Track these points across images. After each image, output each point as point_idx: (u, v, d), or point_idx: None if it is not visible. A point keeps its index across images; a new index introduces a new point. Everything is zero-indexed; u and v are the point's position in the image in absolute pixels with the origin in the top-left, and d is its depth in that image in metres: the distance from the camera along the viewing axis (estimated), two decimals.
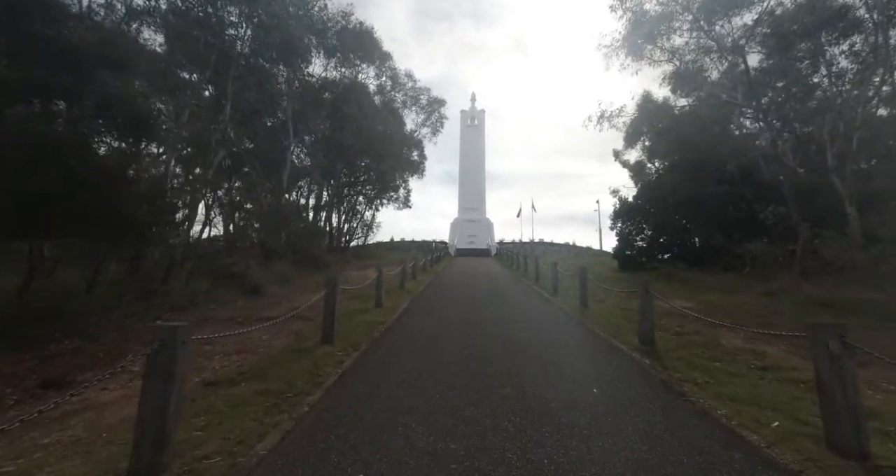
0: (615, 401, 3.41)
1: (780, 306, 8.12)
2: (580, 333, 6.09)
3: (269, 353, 4.95)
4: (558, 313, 7.86)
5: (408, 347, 5.16)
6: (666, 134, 21.13)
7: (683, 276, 12.88)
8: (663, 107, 18.41)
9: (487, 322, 6.74)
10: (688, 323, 6.89)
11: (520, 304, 9.10)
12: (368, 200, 27.76)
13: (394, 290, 10.76)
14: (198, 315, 7.00)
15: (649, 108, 24.42)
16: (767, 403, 3.41)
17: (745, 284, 10.88)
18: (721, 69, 13.36)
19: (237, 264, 9.31)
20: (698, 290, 10.90)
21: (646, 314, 5.48)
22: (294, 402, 3.37)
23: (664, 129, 22.55)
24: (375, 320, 6.95)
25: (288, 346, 5.28)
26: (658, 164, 27.13)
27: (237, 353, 4.92)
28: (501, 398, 3.45)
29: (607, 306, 8.68)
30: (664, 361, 4.64)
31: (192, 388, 3.67)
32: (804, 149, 10.67)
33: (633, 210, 17.76)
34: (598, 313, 7.72)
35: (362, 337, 5.72)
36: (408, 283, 12.06)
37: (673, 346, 5.41)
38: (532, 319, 7.13)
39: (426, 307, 8.43)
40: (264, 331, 6.14)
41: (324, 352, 4.92)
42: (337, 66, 19.62)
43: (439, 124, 26.93)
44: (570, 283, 12.01)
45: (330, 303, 5.35)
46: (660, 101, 23.12)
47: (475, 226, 42.25)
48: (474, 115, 50.68)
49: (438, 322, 6.80)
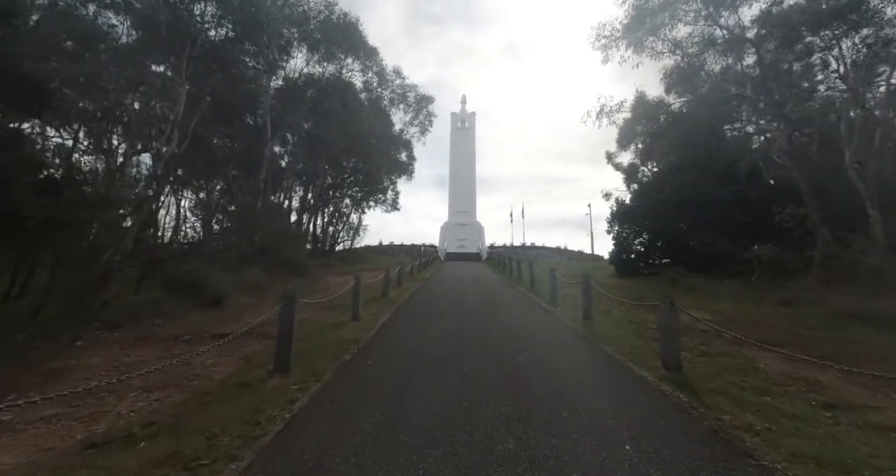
0: (661, 469, 2.45)
1: (805, 318, 7.30)
2: (591, 355, 5.13)
3: (202, 388, 3.88)
4: (560, 328, 6.90)
5: (382, 377, 4.14)
6: (662, 134, 20.56)
7: (689, 282, 12.07)
8: (659, 106, 17.78)
9: (480, 340, 5.76)
10: (710, 339, 6.00)
11: (516, 315, 8.13)
12: (355, 202, 26.67)
13: (375, 300, 9.71)
14: (137, 333, 5.88)
15: (644, 109, 23.99)
16: (870, 469, 2.48)
17: (756, 293, 10.09)
18: (727, 63, 12.68)
19: (196, 271, 8.18)
20: (707, 298, 10.06)
21: (671, 333, 4.55)
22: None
23: (661, 129, 22.01)
24: (349, 337, 5.92)
25: (231, 376, 4.22)
26: (651, 167, 26.67)
27: (161, 388, 3.85)
28: (501, 463, 2.47)
29: (613, 319, 7.77)
30: (702, 396, 3.71)
31: (62, 452, 2.60)
32: (821, 146, 10.00)
33: (630, 213, 17.00)
34: (606, 327, 6.79)
35: (328, 361, 4.69)
36: (392, 291, 11.02)
37: (704, 371, 4.48)
38: (532, 336, 6.16)
39: (410, 320, 7.41)
40: (210, 353, 5.06)
41: (274, 385, 3.87)
42: (320, 61, 18.58)
43: (428, 123, 25.99)
44: (568, 290, 11.11)
45: (286, 322, 4.31)
46: (655, 102, 22.66)
47: (466, 229, 41.32)
48: (464, 117, 49.99)
49: (423, 340, 5.79)
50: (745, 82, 11.35)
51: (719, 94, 12.03)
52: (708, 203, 14.08)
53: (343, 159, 23.36)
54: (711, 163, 14.30)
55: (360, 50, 18.80)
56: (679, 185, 14.96)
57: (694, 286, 11.75)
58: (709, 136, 13.53)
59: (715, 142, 13.38)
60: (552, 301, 9.87)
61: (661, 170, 17.73)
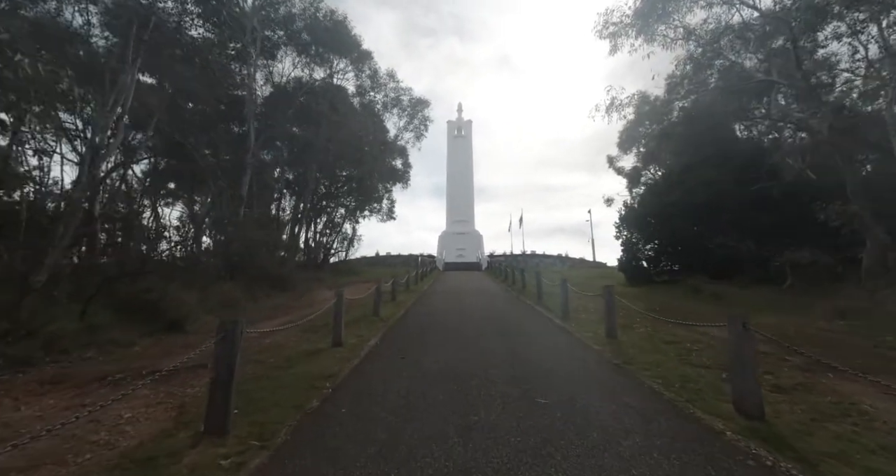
0: None
1: (873, 333, 6.15)
2: (635, 393, 3.94)
3: (95, 464, 2.69)
4: (585, 352, 5.72)
5: (357, 437, 2.96)
6: (668, 135, 19.64)
7: (712, 290, 10.93)
8: (667, 104, 16.82)
9: (488, 373, 4.58)
10: (774, 365, 4.85)
11: (527, 335, 6.95)
12: (348, 212, 25.54)
13: (365, 318, 8.52)
14: (54, 371, 4.70)
15: (648, 109, 23.10)
16: None
17: (795, 302, 8.96)
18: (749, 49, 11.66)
19: (152, 290, 6.98)
20: (740, 309, 8.92)
21: (746, 366, 3.39)
22: None
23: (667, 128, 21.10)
24: (323, 372, 4.73)
25: (144, 441, 3.03)
26: (655, 171, 25.73)
27: (31, 470, 2.66)
28: None
29: (642, 337, 6.60)
30: (817, 465, 2.55)
31: None
32: (864, 134, 9.00)
33: (640, 217, 15.93)
34: (638, 350, 5.63)
35: (287, 411, 3.51)
36: (385, 308, 9.83)
37: (795, 419, 3.31)
38: (553, 365, 4.98)
39: (402, 345, 6.21)
40: (135, 401, 3.87)
41: (195, 461, 2.68)
42: (309, 64, 17.66)
43: (423, 128, 25.03)
44: (579, 302, 9.97)
45: (223, 365, 3.13)
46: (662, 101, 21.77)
47: (464, 238, 40.12)
48: (461, 125, 49.30)
49: (416, 374, 4.61)
50: (770, 69, 10.37)
51: (740, 84, 11.04)
52: (726, 203, 13.03)
53: (336, 167, 22.35)
54: (728, 160, 13.30)
55: (351, 51, 17.90)
56: (693, 186, 13.93)
57: (719, 295, 10.61)
58: (725, 131, 12.53)
59: (731, 138, 12.37)
60: (565, 316, 8.70)
61: (671, 170, 16.71)
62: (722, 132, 13.13)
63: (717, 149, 13.65)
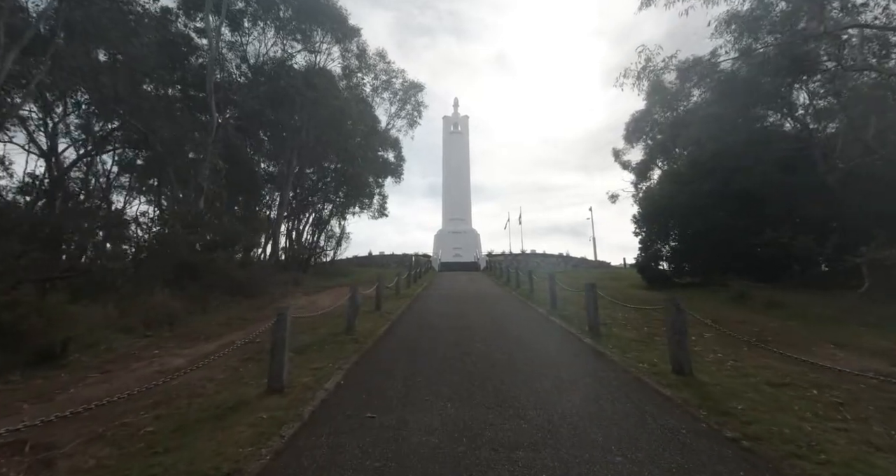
0: None
1: None
2: None
3: None
4: (656, 405, 3.72)
5: None
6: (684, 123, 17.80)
7: (765, 297, 8.99)
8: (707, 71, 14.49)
9: (513, 457, 2.60)
10: None
11: (554, 366, 4.96)
12: (336, 207, 23.47)
13: (334, 338, 6.49)
14: None
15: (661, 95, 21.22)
16: None
17: (883, 313, 7.05)
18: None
19: (15, 306, 4.93)
20: (816, 323, 6.99)
21: None
22: None
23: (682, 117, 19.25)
24: (220, 462, 2.71)
25: None
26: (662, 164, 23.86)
27: None
28: None
29: (727, 373, 4.65)
30: None
31: None
32: None
33: (663, 211, 13.99)
34: (744, 403, 3.62)
35: None
36: (365, 320, 7.82)
37: None
38: (606, 439, 3.00)
39: (376, 388, 4.20)
40: None
41: None
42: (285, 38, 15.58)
43: (417, 114, 22.96)
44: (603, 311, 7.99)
45: None
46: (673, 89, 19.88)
47: (461, 237, 38.06)
48: (457, 121, 47.28)
49: (391, 460, 2.61)
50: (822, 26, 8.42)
51: (800, 42, 9.03)
52: (770, 194, 11.13)
53: (321, 158, 20.29)
54: (770, 144, 11.39)
55: (333, 23, 15.82)
56: (726, 174, 12.02)
57: (775, 302, 8.68)
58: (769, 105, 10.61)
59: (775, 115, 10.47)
60: (594, 332, 6.75)
61: (695, 159, 14.79)
62: (763, 110, 11.24)
63: (756, 130, 11.76)
